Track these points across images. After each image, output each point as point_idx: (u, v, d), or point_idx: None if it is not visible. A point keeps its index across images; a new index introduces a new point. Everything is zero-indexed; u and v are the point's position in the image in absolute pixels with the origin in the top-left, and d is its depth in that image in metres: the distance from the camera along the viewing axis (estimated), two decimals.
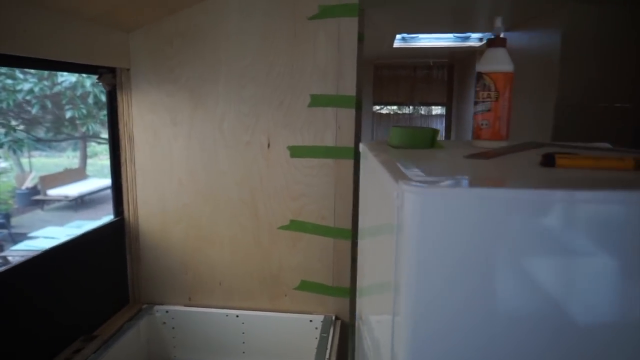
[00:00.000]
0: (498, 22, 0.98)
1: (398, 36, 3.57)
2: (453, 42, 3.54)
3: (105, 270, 1.51)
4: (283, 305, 1.56)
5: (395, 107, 6.26)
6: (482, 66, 0.97)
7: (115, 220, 1.56)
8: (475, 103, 0.99)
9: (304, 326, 1.51)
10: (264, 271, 1.56)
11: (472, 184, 0.55)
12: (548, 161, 0.71)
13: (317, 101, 1.46)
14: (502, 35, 0.97)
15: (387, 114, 6.63)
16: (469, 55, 4.07)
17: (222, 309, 1.57)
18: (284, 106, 1.49)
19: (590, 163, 0.71)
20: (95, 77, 1.49)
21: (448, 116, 5.30)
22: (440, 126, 5.61)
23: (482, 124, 0.98)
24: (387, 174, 0.61)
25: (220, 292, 1.59)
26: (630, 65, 1.83)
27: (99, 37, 1.35)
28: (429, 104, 6.12)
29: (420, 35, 3.55)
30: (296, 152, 1.49)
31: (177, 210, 1.58)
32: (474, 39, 3.47)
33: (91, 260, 1.43)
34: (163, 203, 1.58)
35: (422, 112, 6.86)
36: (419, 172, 0.60)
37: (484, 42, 3.39)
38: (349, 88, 1.45)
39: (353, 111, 1.46)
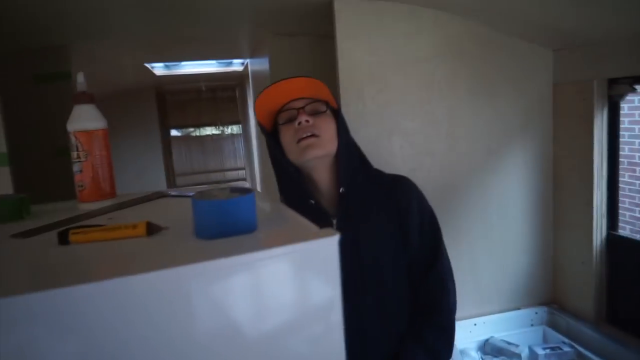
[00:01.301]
0: (80, 77, 0.93)
1: (160, 64, 3.47)
2: (217, 67, 3.57)
3: None
4: None
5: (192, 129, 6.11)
6: (69, 124, 0.91)
7: None
8: (73, 164, 0.93)
9: None
10: None
11: None
12: (62, 239, 0.66)
13: None
14: (85, 90, 0.92)
15: (197, 137, 6.47)
16: (245, 77, 4.18)
17: None
18: None
19: (102, 235, 0.68)
20: None
21: (244, 135, 5.39)
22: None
23: (79, 186, 0.92)
24: None
25: None
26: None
27: None
28: (228, 123, 6.15)
29: (183, 63, 3.50)
30: None
31: None
32: (237, 64, 3.56)
33: None
34: None
35: (231, 132, 6.89)
36: None
37: (245, 66, 3.49)
38: None
39: None
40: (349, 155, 1.10)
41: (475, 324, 1.73)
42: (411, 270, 1.11)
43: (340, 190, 1.08)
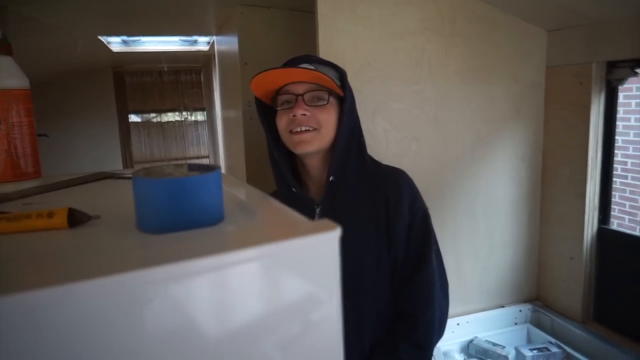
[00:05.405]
0: None
1: (117, 39, 3.17)
2: (180, 45, 3.31)
3: None
4: None
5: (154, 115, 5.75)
6: None
7: None
8: None
9: None
10: None
11: None
12: None
13: None
14: (1, 39, 0.71)
15: (158, 122, 6.10)
16: (211, 59, 3.93)
17: None
18: None
19: (10, 227, 0.48)
20: None
21: (209, 122, 5.13)
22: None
23: None
24: None
25: None
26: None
27: None
28: (191, 109, 5.85)
29: (143, 39, 3.22)
30: None
31: None
32: (202, 43, 3.31)
33: None
34: None
35: (194, 119, 6.55)
36: None
37: (211, 45, 3.25)
38: None
39: None
40: (347, 145, 1.00)
41: (458, 324, 1.61)
42: (394, 274, 1.00)
43: (330, 178, 0.98)
